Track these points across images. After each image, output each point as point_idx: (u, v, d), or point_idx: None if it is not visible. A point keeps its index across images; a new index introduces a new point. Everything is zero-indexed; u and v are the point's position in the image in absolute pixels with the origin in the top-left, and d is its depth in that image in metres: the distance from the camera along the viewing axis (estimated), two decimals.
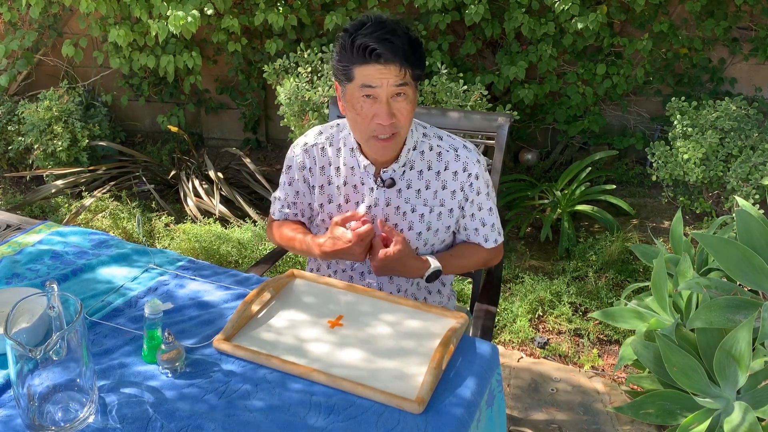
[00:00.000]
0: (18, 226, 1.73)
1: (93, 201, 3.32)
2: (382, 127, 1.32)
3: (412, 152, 1.45)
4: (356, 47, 1.27)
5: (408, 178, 1.46)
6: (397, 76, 1.28)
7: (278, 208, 1.61)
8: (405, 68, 1.28)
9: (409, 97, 1.32)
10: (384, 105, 1.30)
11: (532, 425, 2.07)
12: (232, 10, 3.47)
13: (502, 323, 2.57)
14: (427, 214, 1.47)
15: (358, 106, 1.33)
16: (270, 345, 1.18)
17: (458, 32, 3.66)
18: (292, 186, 1.56)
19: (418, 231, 1.48)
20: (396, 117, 1.32)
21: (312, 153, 1.51)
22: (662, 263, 1.97)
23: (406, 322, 1.25)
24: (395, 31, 1.27)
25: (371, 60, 1.27)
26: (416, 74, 1.32)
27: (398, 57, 1.26)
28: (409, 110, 1.33)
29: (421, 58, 1.32)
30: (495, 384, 1.18)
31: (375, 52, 1.26)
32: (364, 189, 1.48)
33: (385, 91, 1.29)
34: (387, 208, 1.47)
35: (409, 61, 1.28)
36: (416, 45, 1.30)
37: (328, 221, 1.54)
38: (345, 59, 1.30)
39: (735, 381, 1.62)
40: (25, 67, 4.02)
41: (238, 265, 2.89)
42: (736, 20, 3.39)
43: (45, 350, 0.91)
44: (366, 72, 1.28)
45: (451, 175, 1.45)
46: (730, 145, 2.94)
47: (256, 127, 4.32)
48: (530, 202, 3.43)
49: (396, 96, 1.30)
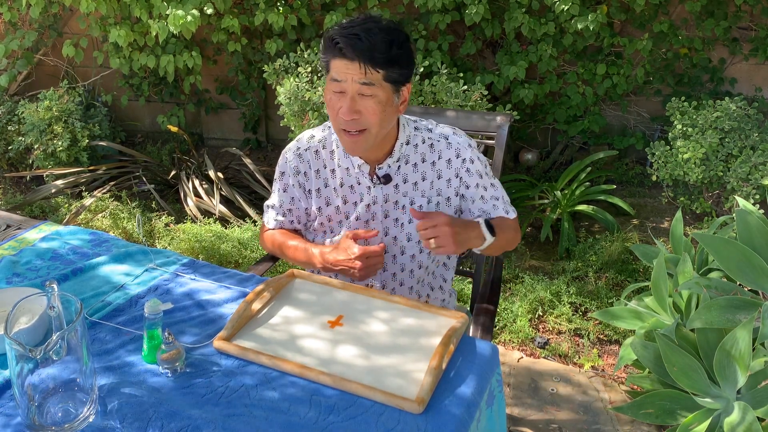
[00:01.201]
0: (18, 226, 1.73)
1: (93, 201, 3.32)
2: (345, 122, 1.33)
3: (405, 147, 1.46)
4: (326, 38, 1.31)
5: (404, 172, 1.47)
6: (359, 73, 1.28)
7: (272, 217, 1.60)
8: (367, 67, 1.27)
9: (378, 98, 1.31)
10: (349, 100, 1.31)
11: (532, 425, 2.07)
12: (232, 10, 3.47)
13: (502, 323, 2.57)
14: (425, 205, 1.48)
15: (328, 98, 1.35)
16: (270, 345, 1.18)
17: (458, 32, 3.65)
18: (287, 192, 1.55)
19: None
20: (361, 114, 1.32)
21: (306, 157, 1.50)
22: (662, 263, 1.97)
23: (405, 321, 1.25)
24: (371, 30, 1.26)
25: (337, 54, 1.29)
26: (390, 77, 1.30)
27: (360, 55, 1.26)
28: (377, 110, 1.31)
29: (400, 59, 1.30)
30: (495, 384, 1.18)
31: (338, 46, 1.28)
32: (361, 188, 1.48)
33: (350, 86, 1.30)
34: (386, 205, 1.48)
35: (374, 62, 1.27)
36: (394, 47, 1.28)
37: (327, 224, 1.54)
38: (323, 51, 1.34)
39: (735, 381, 1.62)
40: (25, 67, 4.02)
41: (238, 265, 2.89)
42: (736, 20, 3.39)
43: (45, 350, 0.91)
44: (335, 65, 1.31)
45: (445, 163, 1.46)
46: (730, 145, 2.94)
47: (256, 127, 4.32)
48: (530, 202, 3.43)
49: (362, 95, 1.30)
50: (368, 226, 1.50)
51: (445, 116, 1.83)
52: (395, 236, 1.51)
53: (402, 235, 1.51)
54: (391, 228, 1.50)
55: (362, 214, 1.49)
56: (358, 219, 1.50)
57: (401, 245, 1.52)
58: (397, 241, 1.51)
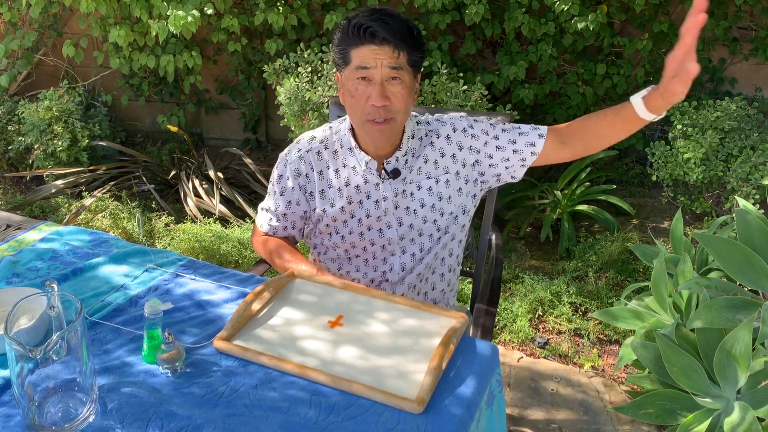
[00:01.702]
0: (18, 226, 1.73)
1: (93, 201, 3.32)
2: (375, 109, 1.33)
3: (411, 140, 1.47)
4: (352, 27, 1.31)
5: (410, 165, 1.47)
6: (391, 57, 1.30)
7: (266, 221, 1.59)
8: (399, 50, 1.30)
9: (405, 83, 1.33)
10: (378, 86, 1.32)
11: (532, 425, 2.07)
12: (232, 10, 3.47)
13: (502, 323, 2.57)
14: (434, 185, 1.48)
15: (353, 88, 1.35)
16: (270, 345, 1.17)
17: (458, 32, 3.65)
18: (284, 196, 1.54)
19: (430, 204, 1.48)
20: (390, 100, 1.33)
21: (307, 159, 1.50)
22: (662, 263, 1.97)
23: (405, 321, 1.25)
24: (392, 15, 1.30)
25: (366, 40, 1.30)
26: (413, 60, 1.33)
27: (393, 36, 1.29)
28: (404, 95, 1.34)
29: (419, 43, 1.34)
30: (495, 384, 1.18)
31: (369, 30, 1.29)
32: (368, 186, 1.48)
33: (379, 72, 1.31)
34: (396, 198, 1.48)
35: (405, 43, 1.30)
36: (414, 31, 1.33)
37: (332, 225, 1.53)
38: (343, 42, 1.34)
39: (735, 381, 1.62)
40: (25, 67, 4.02)
41: (238, 265, 2.89)
42: (736, 20, 3.39)
43: (45, 350, 0.91)
44: (361, 53, 1.31)
45: (444, 140, 1.47)
46: (730, 145, 2.94)
47: (256, 127, 4.32)
48: (530, 202, 3.43)
49: (391, 79, 1.32)
50: (380, 221, 1.50)
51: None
52: (410, 224, 1.51)
53: (417, 221, 1.50)
54: (404, 217, 1.50)
55: (372, 212, 1.49)
56: (369, 216, 1.49)
57: (418, 228, 1.51)
58: (413, 226, 1.51)
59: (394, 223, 1.50)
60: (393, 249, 1.53)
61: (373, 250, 1.54)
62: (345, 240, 1.53)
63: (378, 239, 1.52)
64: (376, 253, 1.54)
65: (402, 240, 1.52)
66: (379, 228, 1.51)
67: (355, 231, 1.52)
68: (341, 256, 1.57)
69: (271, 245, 1.57)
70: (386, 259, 1.55)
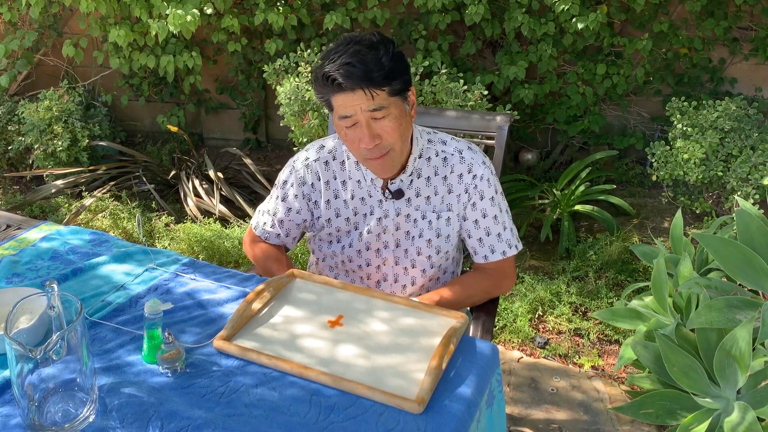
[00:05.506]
0: (18, 226, 1.73)
1: (93, 201, 3.32)
2: (369, 150, 1.31)
3: (418, 160, 1.43)
4: (321, 78, 1.27)
5: (416, 186, 1.45)
6: (366, 101, 1.26)
7: (261, 225, 1.58)
8: (370, 91, 1.25)
9: (392, 114, 1.29)
10: (365, 128, 1.29)
11: (532, 425, 2.07)
12: (232, 10, 3.46)
13: (502, 323, 2.57)
14: (435, 220, 1.46)
15: (343, 134, 1.33)
16: (270, 345, 1.18)
17: (458, 32, 3.65)
18: (285, 202, 1.52)
19: (427, 238, 1.48)
20: (381, 137, 1.30)
21: (314, 168, 1.49)
22: (662, 263, 1.97)
23: (405, 321, 1.25)
24: (359, 53, 1.24)
25: (336, 89, 1.26)
26: (394, 90, 1.28)
27: (362, 81, 1.24)
28: (394, 127, 1.30)
29: (397, 70, 1.28)
30: (495, 384, 1.18)
31: (336, 82, 1.25)
32: (372, 201, 1.47)
33: (360, 116, 1.28)
34: (398, 218, 1.47)
35: (376, 82, 1.25)
36: (386, 64, 1.25)
37: (335, 234, 1.53)
38: (320, 91, 1.31)
39: (735, 381, 1.62)
40: (25, 67, 4.02)
41: (238, 265, 2.89)
42: (736, 20, 3.39)
43: (45, 350, 0.91)
44: (339, 101, 1.28)
45: (456, 178, 1.44)
46: (730, 145, 2.94)
47: (256, 127, 4.32)
48: (530, 202, 3.43)
49: (374, 119, 1.29)
50: (380, 239, 1.50)
51: (445, 116, 1.83)
52: (406, 249, 1.50)
53: (413, 249, 1.50)
54: (402, 240, 1.49)
55: (374, 228, 1.48)
56: (370, 232, 1.49)
57: (412, 259, 1.51)
58: (408, 254, 1.51)
59: (391, 244, 1.50)
60: (386, 272, 1.54)
61: (368, 271, 1.54)
62: (344, 251, 1.53)
63: (374, 259, 1.52)
64: (371, 275, 1.55)
65: (396, 265, 1.52)
66: (377, 248, 1.51)
67: (354, 245, 1.52)
68: (338, 266, 1.58)
69: (257, 252, 1.57)
70: (380, 282, 1.56)
